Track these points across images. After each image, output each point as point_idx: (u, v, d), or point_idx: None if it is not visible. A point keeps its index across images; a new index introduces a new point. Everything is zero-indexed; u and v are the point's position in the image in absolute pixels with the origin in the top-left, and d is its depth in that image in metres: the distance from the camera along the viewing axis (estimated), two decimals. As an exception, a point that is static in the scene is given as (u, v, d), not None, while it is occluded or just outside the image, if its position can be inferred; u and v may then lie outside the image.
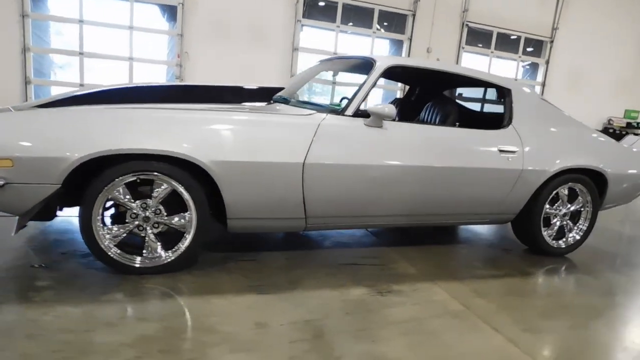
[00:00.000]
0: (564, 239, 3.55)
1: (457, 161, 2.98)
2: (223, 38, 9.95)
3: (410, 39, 10.62)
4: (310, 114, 2.76)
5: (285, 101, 3.22)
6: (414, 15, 10.54)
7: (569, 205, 3.51)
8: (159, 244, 2.54)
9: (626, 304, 2.78)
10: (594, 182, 3.52)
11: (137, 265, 2.47)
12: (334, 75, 3.55)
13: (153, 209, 2.49)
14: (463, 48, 10.78)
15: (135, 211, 2.46)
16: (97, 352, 1.80)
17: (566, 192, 3.45)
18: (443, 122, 3.37)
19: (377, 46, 10.92)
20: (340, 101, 3.85)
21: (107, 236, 2.43)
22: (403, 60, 3.17)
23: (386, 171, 2.81)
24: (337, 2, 10.30)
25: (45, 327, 1.94)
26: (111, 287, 2.34)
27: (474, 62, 10.99)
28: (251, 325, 2.11)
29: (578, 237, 3.57)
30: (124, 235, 2.48)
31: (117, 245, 2.47)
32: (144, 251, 2.52)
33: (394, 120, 2.85)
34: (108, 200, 2.42)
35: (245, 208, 2.62)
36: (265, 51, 10.07)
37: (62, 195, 2.38)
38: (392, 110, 2.73)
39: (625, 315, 2.62)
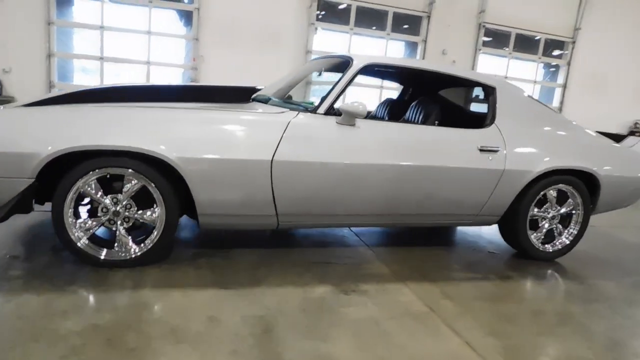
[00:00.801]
0: (553, 243, 3.45)
1: (432, 160, 2.94)
2: (237, 41, 10.09)
3: (425, 41, 10.53)
4: (281, 112, 2.77)
5: (265, 100, 3.24)
6: (428, 17, 10.44)
7: (558, 208, 3.41)
8: (129, 238, 2.60)
9: (603, 311, 2.68)
10: (586, 184, 3.41)
11: (102, 258, 2.53)
12: (319, 75, 3.53)
13: (123, 204, 2.54)
14: (480, 50, 10.62)
15: (105, 206, 2.52)
16: (45, 339, 1.86)
17: (554, 194, 3.36)
18: (424, 121, 3.33)
19: (391, 48, 10.87)
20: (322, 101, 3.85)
21: (78, 228, 2.49)
22: (381, 59, 3.16)
23: (358, 170, 2.80)
24: (350, 5, 10.30)
25: (4, 314, 2.01)
26: (78, 279, 2.41)
27: (491, 64, 10.81)
28: (203, 319, 2.14)
29: (567, 242, 3.47)
30: (96, 228, 2.54)
31: (91, 239, 2.54)
32: (115, 245, 2.58)
33: (365, 118, 2.84)
34: (80, 194, 2.48)
35: (215, 205, 2.65)
36: (279, 54, 10.17)
37: (38, 189, 2.46)
38: (363, 108, 2.72)
39: (599, 323, 2.52)
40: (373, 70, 3.31)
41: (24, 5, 9.16)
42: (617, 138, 3.85)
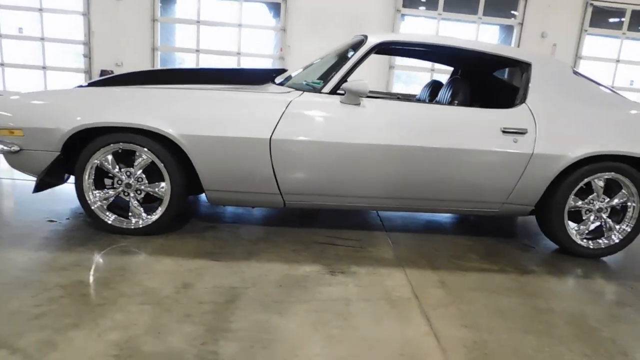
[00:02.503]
0: (597, 240, 3.05)
1: (444, 142, 2.75)
2: (323, 30, 10.21)
3: (522, 24, 9.75)
4: (286, 92, 2.79)
5: (284, 81, 3.27)
6: (525, -2, 9.65)
7: (606, 200, 3.00)
8: (141, 209, 2.81)
9: (629, 317, 2.32)
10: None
11: (109, 222, 2.76)
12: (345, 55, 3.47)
13: (135, 177, 2.76)
14: (586, 31, 9.58)
15: (120, 178, 2.75)
16: (32, 288, 2.10)
17: (601, 183, 2.96)
18: (450, 102, 3.12)
19: (484, 33, 10.23)
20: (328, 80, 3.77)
21: (95, 195, 2.75)
22: (396, 36, 3.00)
23: (363, 150, 2.73)
24: (439, -11, 9.88)
25: (13, 266, 2.31)
26: (90, 242, 2.67)
27: (599, 46, 9.70)
28: (178, 285, 2.25)
29: (616, 240, 3.03)
30: (112, 197, 2.78)
31: (111, 208, 2.79)
32: (130, 214, 2.81)
33: (367, 97, 2.74)
34: (99, 166, 2.74)
35: (219, 181, 2.77)
36: (362, 42, 10.06)
37: (64, 161, 2.76)
38: (364, 87, 2.65)
39: (615, 330, 2.19)
40: (392, 48, 3.17)
41: (135, 5, 10.15)
42: None
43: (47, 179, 2.82)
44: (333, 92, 2.77)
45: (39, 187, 2.78)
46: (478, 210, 3.03)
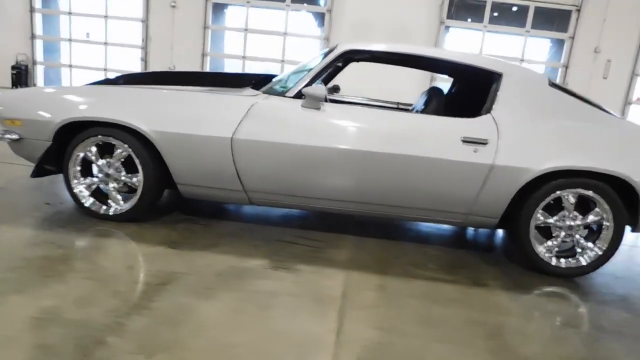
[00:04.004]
0: (569, 259, 2.94)
1: (404, 148, 2.79)
2: (367, 41, 10.30)
3: (573, 38, 9.36)
4: (253, 95, 2.95)
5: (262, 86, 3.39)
6: (578, 11, 9.26)
7: (578, 217, 2.89)
8: (119, 197, 3.06)
9: (566, 337, 2.24)
10: (624, 192, 2.83)
11: (86, 205, 3.04)
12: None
13: (114, 168, 3.02)
14: (644, 46, 9.04)
15: (100, 168, 3.03)
16: (3, 258, 2.38)
17: (572, 199, 2.86)
18: (422, 109, 3.14)
19: (533, 47, 9.91)
20: (332, 88, 3.88)
21: (79, 181, 3.03)
22: (365, 45, 3.07)
23: (320, 153, 2.82)
24: (485, 1, 9.69)
25: (-4, 239, 2.62)
26: (72, 224, 2.95)
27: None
28: (125, 266, 2.47)
29: (587, 260, 2.91)
30: (95, 185, 3.06)
31: (95, 195, 3.08)
32: (109, 201, 3.07)
33: (325, 101, 2.83)
34: (84, 156, 3.02)
35: (188, 175, 2.97)
36: (403, 53, 10.09)
37: (58, 151, 3.06)
38: (321, 91, 2.75)
39: (535, 346, 2.14)
40: (367, 57, 3.24)
41: (189, 13, 10.78)
42: None
43: (45, 167, 3.13)
44: (297, 96, 2.90)
45: (36, 173, 3.10)
46: (442, 220, 3.02)
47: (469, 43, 10.10)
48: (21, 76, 10.78)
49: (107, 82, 3.60)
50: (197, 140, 2.86)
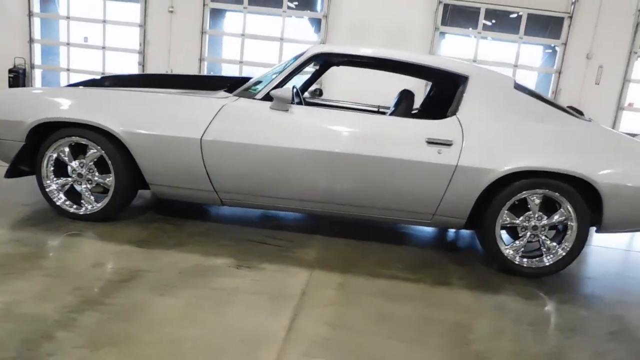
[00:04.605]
0: (532, 259, 2.96)
1: (368, 150, 2.82)
2: (362, 46, 10.36)
3: (565, 44, 9.38)
4: (224, 97, 2.99)
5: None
6: (570, 18, 9.29)
7: (543, 217, 2.92)
8: (92, 197, 3.11)
9: (516, 333, 2.26)
10: (588, 193, 2.85)
11: (58, 204, 3.08)
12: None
13: (87, 168, 3.06)
14: (636, 53, 9.06)
15: (74, 168, 3.07)
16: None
17: (537, 200, 2.88)
18: (392, 111, 3.18)
19: (527, 53, 9.94)
20: (315, 91, 3.93)
21: (52, 181, 3.07)
22: (333, 48, 3.12)
23: (288, 154, 2.86)
24: (479, 7, 9.73)
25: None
26: (44, 224, 3.00)
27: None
28: (90, 263, 2.51)
29: (550, 260, 2.93)
30: (68, 185, 3.10)
31: (69, 194, 3.12)
32: (82, 200, 3.12)
33: (291, 103, 2.88)
34: (57, 157, 3.06)
35: (160, 176, 3.02)
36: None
37: (29, 150, 3.11)
38: (286, 94, 2.80)
39: (467, 340, 2.16)
40: (334, 60, 3.29)
41: (186, 18, 10.88)
42: None
43: (21, 167, 3.18)
44: (265, 98, 2.94)
45: (10, 173, 3.15)
46: (409, 221, 3.05)
47: (464, 49, 10.14)
48: (18, 80, 10.88)
49: (91, 83, 3.66)
50: (168, 141, 2.91)
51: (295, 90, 3.47)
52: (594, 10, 9.19)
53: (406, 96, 3.24)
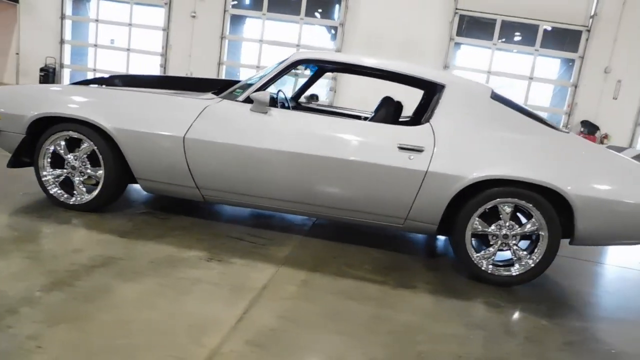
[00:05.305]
0: (499, 267, 3.00)
1: (341, 153, 2.92)
2: (378, 55, 10.46)
3: (582, 57, 9.27)
4: (209, 99, 3.14)
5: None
6: (588, 31, 9.18)
7: (513, 226, 2.95)
8: (84, 188, 3.29)
9: (435, 335, 2.32)
10: (562, 204, 2.87)
11: (51, 193, 3.27)
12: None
13: (81, 161, 3.25)
14: (655, 67, 8.88)
15: (68, 161, 3.26)
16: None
17: (508, 209, 2.92)
18: (372, 117, 3.27)
19: (543, 66, 9.85)
20: (311, 97, 4.06)
21: (48, 171, 3.26)
22: (315, 54, 3.24)
23: (266, 155, 2.98)
24: (495, 19, 9.71)
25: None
26: (38, 212, 3.20)
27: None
28: (70, 249, 2.67)
29: (519, 270, 2.95)
30: (63, 176, 3.29)
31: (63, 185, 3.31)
32: (75, 192, 3.30)
33: (270, 106, 3.00)
34: (54, 150, 3.26)
35: (146, 171, 3.18)
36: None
37: (30, 143, 3.32)
38: (264, 96, 2.93)
39: (412, 341, 2.22)
40: (316, 65, 3.40)
41: (208, 24, 11.19)
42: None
43: (23, 158, 3.39)
44: (247, 100, 3.07)
45: (12, 163, 3.36)
46: (382, 224, 3.12)
47: (479, 60, 10.12)
48: (48, 78, 11.37)
49: (96, 81, 3.87)
50: (153, 138, 3.07)
51: (281, 94, 3.61)
52: (613, 24, 9.07)
53: (386, 103, 3.32)
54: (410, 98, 4.33)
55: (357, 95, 9.62)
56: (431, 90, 3.19)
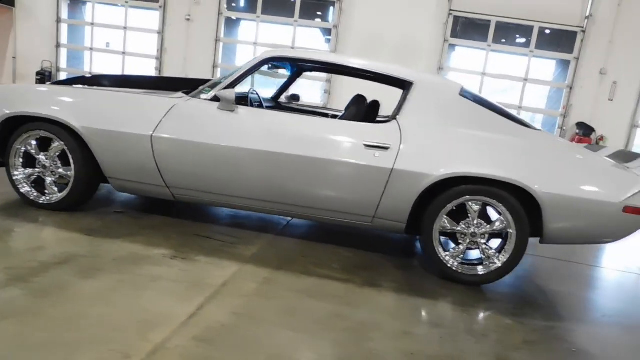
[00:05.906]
0: (470, 266, 2.98)
1: (307, 151, 2.91)
2: (373, 56, 10.45)
3: (577, 59, 9.23)
4: (177, 97, 3.15)
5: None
6: (583, 32, 9.14)
7: (482, 224, 2.93)
8: (55, 188, 3.30)
9: (395, 333, 2.30)
10: (531, 202, 2.85)
11: (22, 192, 3.28)
12: (269, 68, 3.76)
13: (51, 161, 3.26)
14: (650, 69, 8.83)
15: (39, 161, 3.28)
16: None
17: (476, 207, 2.90)
18: (342, 115, 3.27)
19: (538, 67, 9.81)
20: (292, 96, 4.06)
21: (20, 170, 3.27)
22: (283, 52, 3.25)
23: (232, 153, 2.98)
24: (490, 20, 9.68)
25: None
26: (13, 211, 3.21)
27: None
28: (34, 247, 2.69)
29: (486, 269, 2.93)
30: (34, 175, 3.30)
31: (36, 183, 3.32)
32: (46, 191, 3.31)
33: (234, 104, 3.00)
34: (26, 151, 3.27)
35: (116, 170, 3.19)
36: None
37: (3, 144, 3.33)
38: (230, 94, 2.93)
39: (362, 338, 2.20)
40: (285, 63, 3.40)
41: (202, 27, 11.22)
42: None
43: (-1, 158, 3.40)
44: (214, 99, 3.07)
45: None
46: (352, 223, 3.10)
47: (473, 62, 10.09)
48: (44, 81, 11.42)
49: (78, 81, 3.89)
50: (122, 137, 3.07)
51: (254, 94, 3.61)
52: (609, 25, 9.02)
53: (357, 101, 3.31)
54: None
55: (346, 97, 9.60)
56: (403, 89, 3.17)
